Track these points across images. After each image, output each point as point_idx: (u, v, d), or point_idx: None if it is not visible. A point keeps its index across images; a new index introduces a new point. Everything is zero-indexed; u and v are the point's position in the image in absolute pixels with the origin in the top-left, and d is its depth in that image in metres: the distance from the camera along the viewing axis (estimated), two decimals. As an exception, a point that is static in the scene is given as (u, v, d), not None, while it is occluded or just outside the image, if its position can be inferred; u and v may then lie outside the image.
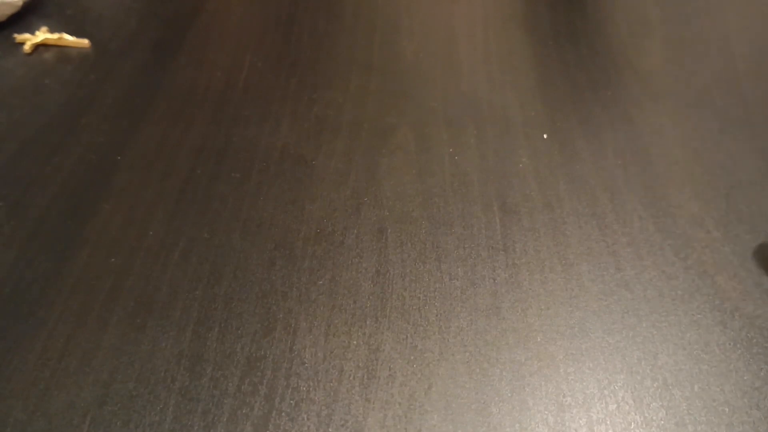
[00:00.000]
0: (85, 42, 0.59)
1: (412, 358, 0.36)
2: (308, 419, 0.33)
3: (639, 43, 0.59)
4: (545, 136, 0.50)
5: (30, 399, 0.34)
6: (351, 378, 0.35)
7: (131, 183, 0.46)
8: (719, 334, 0.37)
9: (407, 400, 0.34)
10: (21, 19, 0.62)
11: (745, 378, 0.35)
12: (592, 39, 0.60)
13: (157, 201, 0.45)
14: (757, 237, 0.42)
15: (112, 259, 0.41)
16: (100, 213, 0.44)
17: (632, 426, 0.33)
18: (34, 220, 0.43)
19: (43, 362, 0.35)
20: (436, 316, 0.38)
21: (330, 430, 0.33)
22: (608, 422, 0.33)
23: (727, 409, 0.34)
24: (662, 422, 0.33)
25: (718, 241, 0.42)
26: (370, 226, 0.43)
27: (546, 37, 0.60)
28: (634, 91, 0.54)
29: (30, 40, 0.58)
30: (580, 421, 0.33)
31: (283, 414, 0.33)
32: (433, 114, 0.52)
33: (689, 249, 0.41)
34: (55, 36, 0.59)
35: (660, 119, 0.51)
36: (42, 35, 0.59)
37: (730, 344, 0.36)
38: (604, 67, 0.56)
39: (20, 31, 0.60)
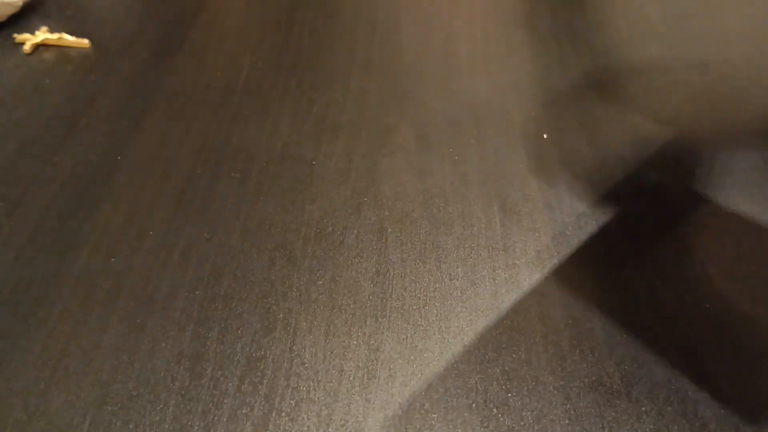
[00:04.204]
0: (85, 42, 0.59)
1: (412, 358, 0.36)
2: (308, 419, 0.33)
3: (639, 43, 0.59)
4: (545, 136, 0.50)
5: (30, 399, 0.34)
6: (351, 378, 0.35)
7: (131, 183, 0.46)
8: (719, 334, 0.37)
9: (407, 400, 0.34)
10: (21, 19, 0.62)
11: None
12: (592, 39, 0.60)
13: (157, 201, 0.45)
14: (757, 237, 0.42)
15: (112, 259, 0.41)
16: (100, 213, 0.44)
17: (632, 426, 0.33)
18: (34, 220, 0.43)
19: (43, 362, 0.35)
20: (436, 316, 0.38)
21: (330, 430, 0.33)
22: (608, 422, 0.33)
23: (726, 409, 0.34)
24: (662, 422, 0.33)
25: (719, 241, 0.42)
26: (370, 226, 0.43)
27: (546, 37, 0.60)
28: (634, 91, 0.54)
29: (30, 40, 0.58)
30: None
31: (283, 414, 0.33)
32: (433, 114, 0.52)
33: (689, 249, 0.41)
34: (55, 36, 0.59)
35: (660, 119, 0.51)
36: (42, 35, 0.59)
37: (729, 344, 0.36)
38: (604, 67, 0.56)
39: (20, 31, 0.60)
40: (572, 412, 0.34)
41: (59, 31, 0.59)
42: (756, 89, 0.53)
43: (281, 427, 0.33)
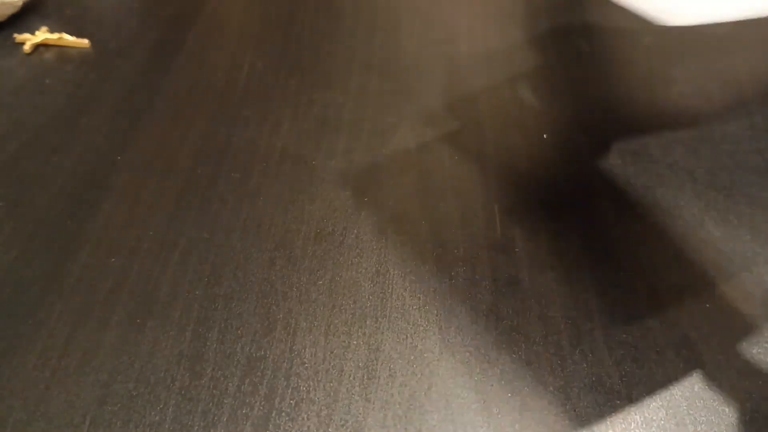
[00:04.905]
0: (85, 42, 0.59)
1: (412, 358, 0.36)
2: (308, 419, 0.33)
3: (639, 43, 0.59)
4: (545, 136, 0.50)
5: (30, 399, 0.34)
6: (351, 378, 0.35)
7: (131, 183, 0.46)
8: (719, 334, 0.37)
9: (407, 400, 0.34)
10: (21, 19, 0.62)
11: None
12: (592, 39, 0.60)
13: (157, 201, 0.45)
14: (757, 237, 0.42)
15: (112, 259, 0.41)
16: (100, 213, 0.44)
17: (632, 426, 0.33)
18: (34, 220, 0.43)
19: (43, 362, 0.35)
20: (436, 316, 0.38)
21: (330, 430, 0.33)
22: (608, 422, 0.33)
23: (727, 409, 0.34)
24: (662, 422, 0.33)
25: (719, 241, 0.42)
26: (370, 226, 0.43)
27: (546, 37, 0.60)
28: (634, 91, 0.54)
29: (30, 40, 0.58)
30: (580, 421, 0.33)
31: (283, 414, 0.33)
32: (433, 114, 0.52)
33: (689, 249, 0.41)
34: (55, 36, 0.59)
35: (660, 119, 0.51)
36: (42, 35, 0.59)
37: (729, 344, 0.36)
38: (603, 66, 0.56)
39: (20, 31, 0.60)
40: (572, 412, 0.34)
41: (59, 31, 0.59)
42: (755, 88, 0.53)
43: (281, 427, 0.33)
